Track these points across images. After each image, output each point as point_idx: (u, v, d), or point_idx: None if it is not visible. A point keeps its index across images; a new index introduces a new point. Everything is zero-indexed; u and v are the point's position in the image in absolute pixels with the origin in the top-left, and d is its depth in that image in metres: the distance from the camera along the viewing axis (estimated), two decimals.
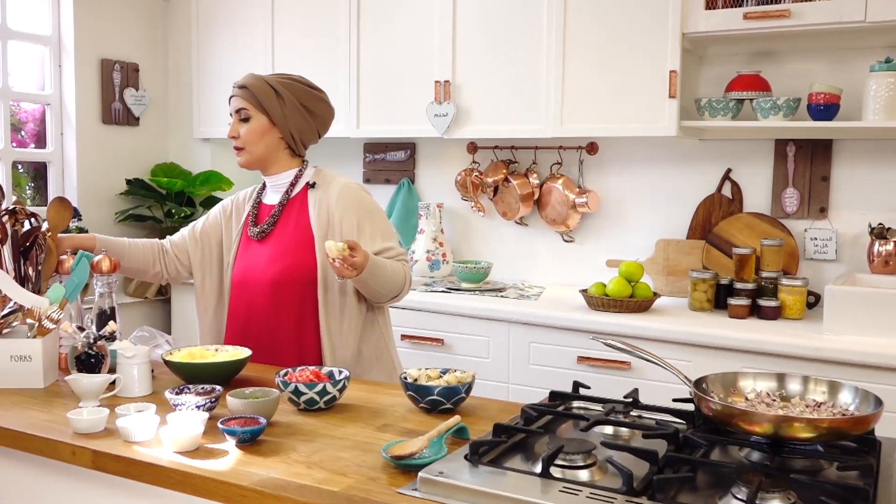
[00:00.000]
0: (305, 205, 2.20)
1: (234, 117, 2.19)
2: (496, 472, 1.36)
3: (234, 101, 2.18)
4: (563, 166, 3.51)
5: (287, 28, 3.75)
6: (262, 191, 2.31)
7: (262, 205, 2.27)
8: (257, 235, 2.21)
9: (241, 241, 2.26)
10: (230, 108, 2.20)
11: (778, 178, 3.11)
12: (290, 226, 2.20)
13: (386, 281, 2.10)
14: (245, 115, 2.16)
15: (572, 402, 1.79)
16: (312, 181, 2.23)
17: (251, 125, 2.16)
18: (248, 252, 2.23)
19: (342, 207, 2.17)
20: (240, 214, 2.30)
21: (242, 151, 2.20)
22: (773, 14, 2.68)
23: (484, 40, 3.28)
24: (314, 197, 2.20)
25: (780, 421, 1.40)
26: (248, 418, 1.58)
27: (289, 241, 2.18)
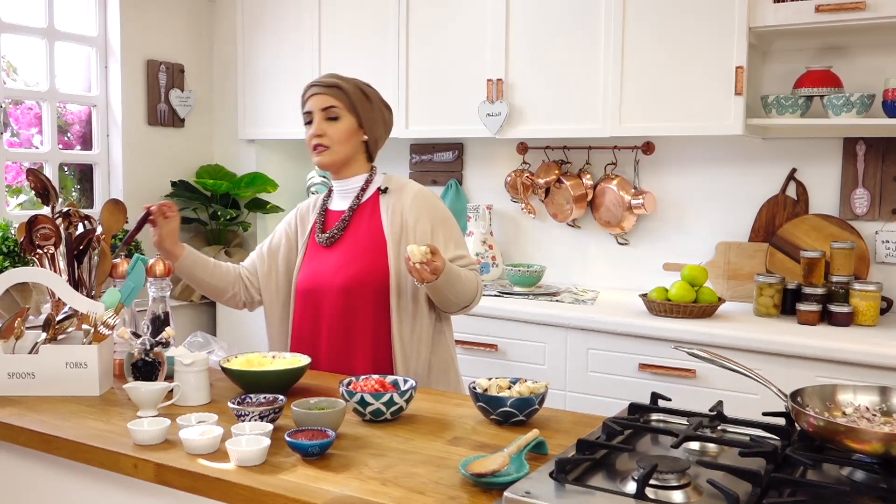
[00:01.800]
0: (377, 210, 2.16)
1: (317, 115, 2.11)
2: (585, 492, 1.27)
3: (320, 98, 2.11)
4: (617, 167, 3.40)
5: (335, 27, 3.69)
6: (328, 197, 2.26)
7: (330, 211, 2.22)
8: (326, 241, 2.16)
9: (308, 249, 2.21)
10: (310, 106, 2.12)
11: (847, 178, 2.98)
12: (362, 231, 2.14)
13: (460, 289, 2.05)
14: (335, 113, 2.10)
15: (650, 414, 1.70)
16: (384, 186, 2.18)
17: (341, 125, 2.11)
18: (316, 259, 2.17)
19: (416, 213, 2.13)
20: (305, 224, 2.25)
21: (326, 151, 2.12)
22: (848, 6, 2.56)
23: (538, 37, 3.19)
24: (387, 202, 2.15)
25: (892, 439, 1.29)
26: (314, 430, 1.51)
27: (360, 246, 2.12)
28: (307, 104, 2.14)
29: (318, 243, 2.18)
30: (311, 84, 2.16)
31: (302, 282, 2.17)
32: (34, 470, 1.68)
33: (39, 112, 3.63)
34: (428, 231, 2.12)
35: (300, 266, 2.20)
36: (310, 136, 2.13)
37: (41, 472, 1.67)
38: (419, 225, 2.12)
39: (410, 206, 2.13)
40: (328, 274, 2.12)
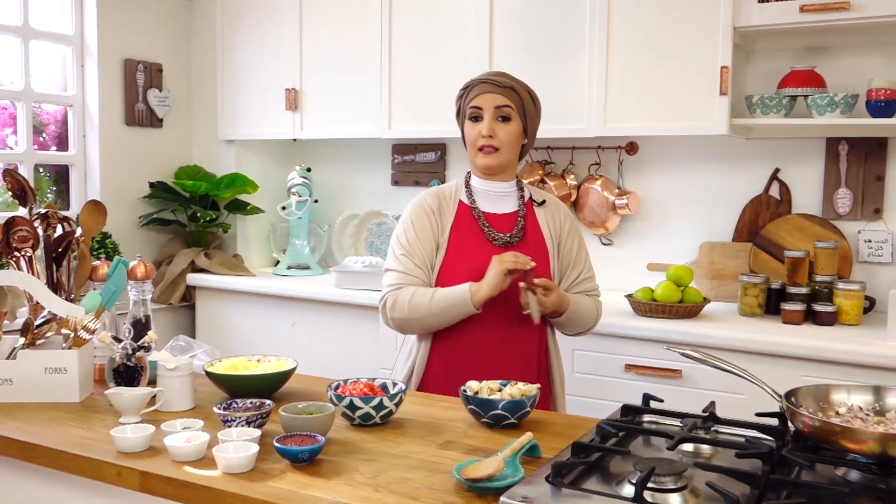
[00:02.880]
0: (535, 221, 2.14)
1: (488, 113, 2.03)
2: (582, 495, 1.25)
3: (494, 97, 2.03)
4: (601, 167, 3.39)
5: (316, 26, 3.65)
6: (470, 196, 2.12)
7: (489, 214, 2.11)
8: (504, 242, 2.07)
9: (466, 247, 2.07)
10: (481, 102, 2.03)
11: (830, 177, 2.99)
12: (530, 239, 2.11)
13: (578, 321, 2.13)
14: (507, 114, 2.04)
15: (643, 415, 1.68)
16: (542, 199, 2.17)
17: (512, 128, 2.05)
18: (484, 255, 2.01)
19: (569, 229, 2.16)
20: (444, 220, 2.10)
21: (496, 153, 2.05)
22: (832, 6, 2.56)
23: (522, 36, 3.17)
24: (544, 214, 2.15)
25: (889, 439, 1.28)
26: (303, 436, 1.47)
27: (532, 252, 2.04)
28: (475, 100, 2.04)
29: (488, 241, 2.06)
30: (481, 80, 2.06)
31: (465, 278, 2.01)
32: (13, 479, 1.63)
33: (14, 112, 3.56)
34: (575, 249, 2.16)
35: (443, 266, 2.06)
36: (476, 135, 2.05)
37: (20, 481, 1.62)
38: (569, 242, 2.15)
39: (564, 221, 2.16)
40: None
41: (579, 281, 2.17)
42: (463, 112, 2.10)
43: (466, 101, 2.07)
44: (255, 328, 3.65)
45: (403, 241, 2.10)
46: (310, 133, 3.74)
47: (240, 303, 3.69)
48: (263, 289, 3.61)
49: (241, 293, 3.68)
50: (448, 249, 2.07)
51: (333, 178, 4.12)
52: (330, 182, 4.12)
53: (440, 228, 2.09)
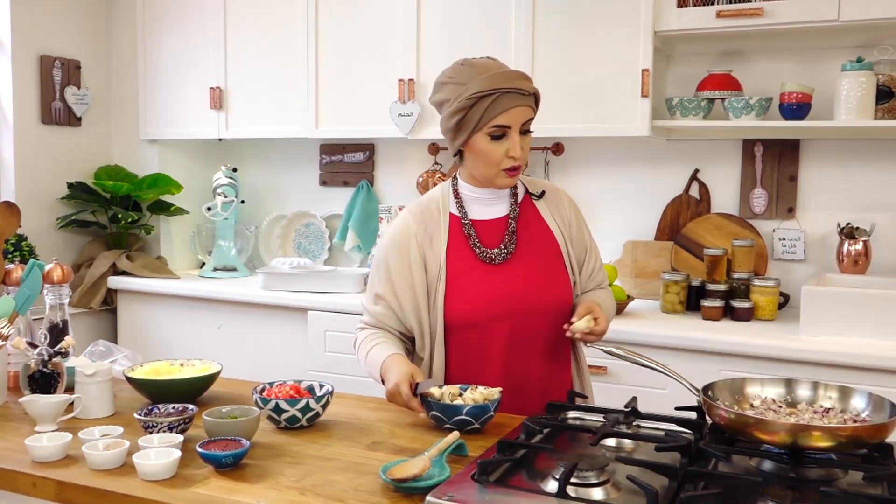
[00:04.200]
0: (539, 217, 1.89)
1: (516, 131, 1.74)
2: (507, 493, 1.27)
3: (522, 111, 1.74)
4: (528, 167, 3.44)
5: (241, 24, 3.60)
6: (460, 207, 1.87)
7: (478, 222, 1.86)
8: (498, 258, 1.82)
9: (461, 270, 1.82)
10: (509, 121, 1.72)
11: (746, 178, 3.10)
12: (534, 241, 1.86)
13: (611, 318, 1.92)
14: (529, 127, 1.78)
15: (568, 412, 1.71)
16: (540, 191, 1.91)
17: (529, 138, 1.80)
18: (483, 279, 1.81)
19: (577, 219, 1.93)
20: (434, 242, 1.85)
21: (518, 170, 1.80)
22: (747, 12, 2.65)
23: (449, 37, 3.18)
24: (547, 207, 1.90)
25: (799, 430, 1.34)
26: (227, 440, 1.45)
27: (538, 260, 1.84)
28: (501, 117, 1.71)
29: (481, 261, 1.82)
30: (506, 90, 1.71)
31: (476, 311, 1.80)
32: None
33: None
34: (586, 240, 1.94)
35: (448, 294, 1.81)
36: (502, 156, 1.75)
37: None
38: (579, 232, 1.92)
39: (569, 210, 1.93)
40: (516, 296, 1.80)
41: (594, 272, 1.95)
42: (475, 124, 1.73)
43: (484, 114, 1.72)
44: (179, 332, 3.58)
45: (374, 279, 1.89)
46: (235, 133, 3.68)
47: (164, 306, 3.61)
48: (188, 291, 3.54)
49: (165, 296, 3.60)
50: (448, 276, 1.82)
51: (260, 178, 4.07)
52: (256, 182, 4.07)
53: (432, 253, 1.83)
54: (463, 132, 1.76)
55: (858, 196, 2.93)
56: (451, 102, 1.76)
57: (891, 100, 2.68)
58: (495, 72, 1.74)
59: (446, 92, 1.79)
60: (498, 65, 1.79)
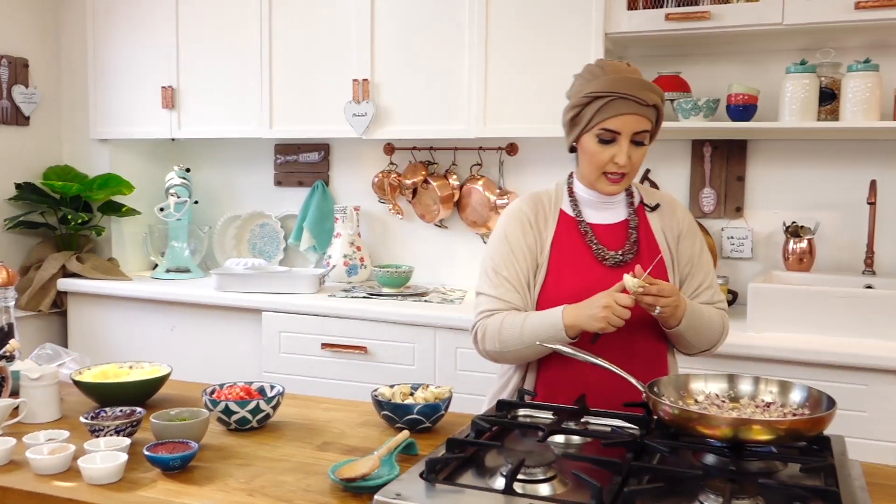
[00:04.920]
0: (648, 228, 1.87)
1: (625, 139, 1.73)
2: (455, 490, 1.28)
3: (635, 120, 1.72)
4: (483, 167, 3.46)
5: (193, 22, 3.56)
6: (575, 206, 1.87)
7: (595, 225, 1.85)
8: (616, 262, 1.81)
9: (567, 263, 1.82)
10: (619, 127, 1.72)
11: (695, 178, 3.15)
12: (644, 253, 1.83)
13: (703, 334, 1.82)
14: (643, 138, 1.75)
15: (518, 410, 1.73)
16: (654, 203, 1.90)
17: (644, 149, 1.78)
18: (592, 279, 1.78)
19: (687, 232, 1.88)
20: (543, 235, 1.85)
21: (625, 178, 1.79)
22: (694, 16, 2.70)
23: (404, 37, 3.19)
24: (659, 220, 1.88)
25: (739, 424, 1.37)
26: (175, 443, 1.45)
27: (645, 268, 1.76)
28: (611, 121, 1.72)
29: (597, 261, 1.81)
30: (621, 95, 1.70)
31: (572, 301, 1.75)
32: None
33: None
34: (696, 254, 1.88)
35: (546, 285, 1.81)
36: (607, 160, 1.76)
37: None
38: (686, 244, 1.87)
39: (682, 223, 1.89)
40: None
41: (700, 291, 1.87)
42: (587, 124, 1.76)
43: (596, 114, 1.73)
44: (131, 334, 3.53)
45: (497, 259, 1.84)
46: (188, 132, 3.64)
47: (115, 308, 3.56)
48: (141, 293, 3.49)
49: (116, 298, 3.54)
50: (549, 269, 1.82)
51: (214, 178, 4.03)
52: (210, 183, 4.03)
53: (539, 244, 1.84)
54: (575, 129, 1.80)
55: (803, 195, 3.01)
56: (571, 97, 1.81)
57: (833, 101, 2.76)
58: (617, 75, 1.74)
59: (574, 86, 1.83)
60: (629, 69, 1.78)
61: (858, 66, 2.64)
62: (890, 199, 2.88)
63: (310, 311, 3.11)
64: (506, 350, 1.78)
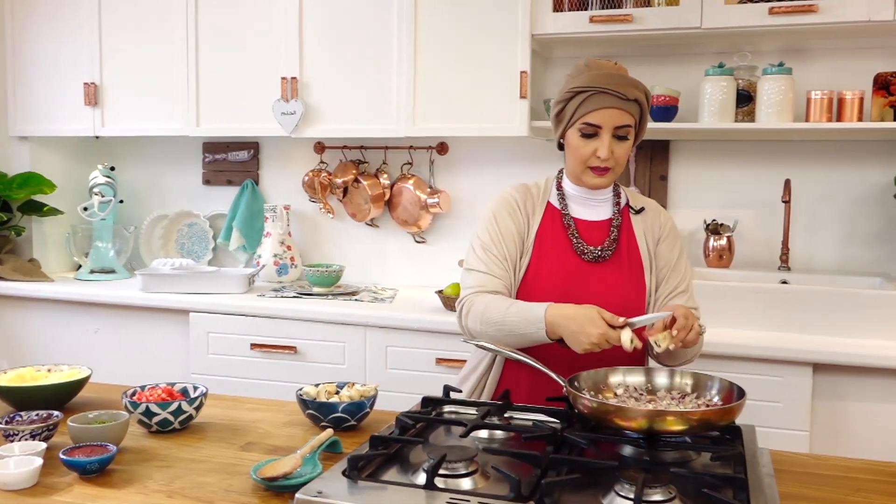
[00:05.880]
0: (630, 230, 1.91)
1: (607, 133, 1.77)
2: (378, 486, 1.29)
3: (618, 115, 1.76)
4: (413, 166, 3.47)
5: (116, 17, 3.48)
6: (563, 200, 1.92)
7: (580, 220, 1.90)
8: (594, 257, 1.86)
9: (548, 255, 1.87)
10: (600, 121, 1.77)
11: (621, 177, 3.21)
12: (623, 253, 1.89)
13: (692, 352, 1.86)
14: (626, 133, 1.79)
15: (443, 406, 1.75)
16: (639, 206, 1.94)
17: (629, 144, 1.81)
18: (572, 273, 1.84)
19: (668, 236, 1.93)
20: (530, 224, 1.91)
21: (609, 173, 1.82)
22: (617, 18, 2.77)
23: (332, 35, 3.18)
24: (642, 223, 1.93)
25: (654, 415, 1.42)
26: (94, 446, 1.42)
27: (626, 268, 1.87)
28: (592, 115, 1.77)
29: (576, 254, 1.86)
30: (602, 90, 1.75)
31: (552, 297, 1.79)
32: None
33: None
34: (674, 259, 1.92)
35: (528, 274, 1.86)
36: (590, 154, 1.80)
37: None
38: (665, 247, 1.92)
39: (664, 228, 1.93)
40: (596, 296, 1.79)
41: (675, 294, 1.90)
42: (570, 119, 1.81)
43: (578, 109, 1.79)
44: (54, 337, 3.44)
45: (486, 238, 1.89)
46: (112, 130, 3.56)
47: (37, 311, 3.46)
48: (63, 295, 3.40)
49: (38, 300, 3.45)
50: (532, 255, 1.87)
51: (140, 177, 3.95)
52: (136, 181, 3.95)
53: (526, 229, 1.89)
54: (560, 124, 1.85)
55: (722, 194, 3.10)
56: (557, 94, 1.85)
57: (750, 103, 2.85)
58: (599, 71, 1.79)
59: (563, 84, 1.86)
60: (613, 67, 1.82)
61: (773, 70, 2.74)
62: (803, 197, 3.00)
63: (238, 311, 3.08)
64: (485, 332, 1.81)
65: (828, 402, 2.46)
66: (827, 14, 2.59)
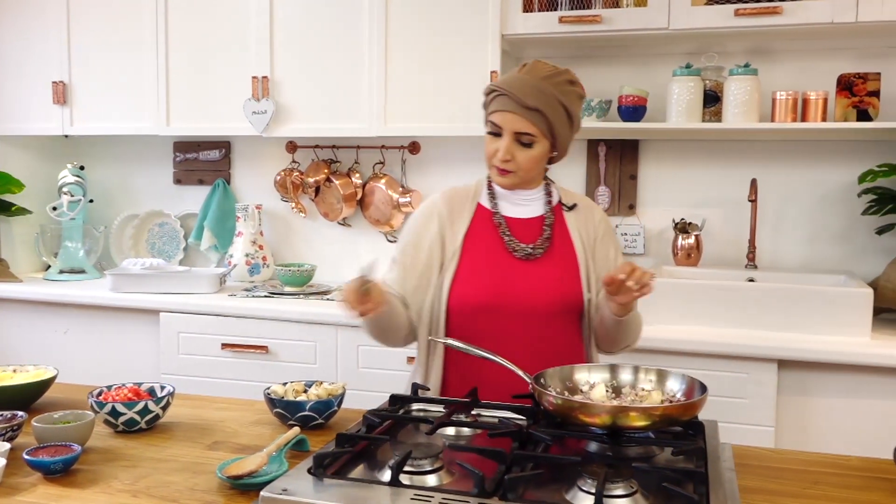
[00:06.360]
0: (564, 227, 1.93)
1: (507, 136, 1.80)
2: (343, 484, 1.30)
3: (515, 120, 1.78)
4: (385, 166, 3.48)
5: (85, 14, 3.45)
6: (493, 199, 1.93)
7: (511, 218, 1.91)
8: (526, 254, 1.87)
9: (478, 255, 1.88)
10: (499, 122, 1.79)
11: (591, 176, 3.25)
12: (556, 249, 1.90)
13: (632, 327, 1.89)
14: (529, 140, 1.80)
15: (412, 404, 1.76)
16: (572, 203, 1.96)
17: (533, 152, 1.81)
18: (502, 270, 1.86)
19: (603, 235, 1.95)
20: (455, 227, 1.91)
21: (511, 175, 1.84)
22: (586, 19, 2.79)
23: (303, 34, 3.18)
24: (576, 220, 1.94)
25: (617, 411, 1.43)
26: (58, 446, 1.42)
27: (557, 267, 1.87)
28: (494, 115, 1.80)
29: (508, 252, 1.87)
30: (503, 92, 1.78)
31: (483, 295, 1.83)
32: None
33: None
34: (612, 257, 1.95)
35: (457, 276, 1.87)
36: (493, 152, 1.83)
37: None
38: (603, 247, 1.95)
39: (599, 227, 1.96)
40: (528, 292, 1.83)
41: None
42: (485, 116, 1.86)
43: (488, 107, 1.84)
44: (23, 338, 3.40)
45: (399, 247, 1.94)
46: (81, 129, 3.53)
47: (5, 311, 3.42)
48: (32, 295, 3.37)
49: (6, 301, 3.41)
50: (461, 259, 1.87)
51: (110, 176, 3.92)
52: (107, 181, 3.92)
53: (451, 234, 1.89)
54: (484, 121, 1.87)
55: (691, 193, 3.14)
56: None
57: (717, 103, 2.89)
58: (513, 74, 1.82)
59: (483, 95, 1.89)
60: (533, 70, 1.82)
61: (739, 70, 2.78)
62: (769, 196, 3.04)
63: (209, 311, 3.07)
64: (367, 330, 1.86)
65: (793, 397, 2.50)
66: (791, 16, 2.64)
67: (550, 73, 1.81)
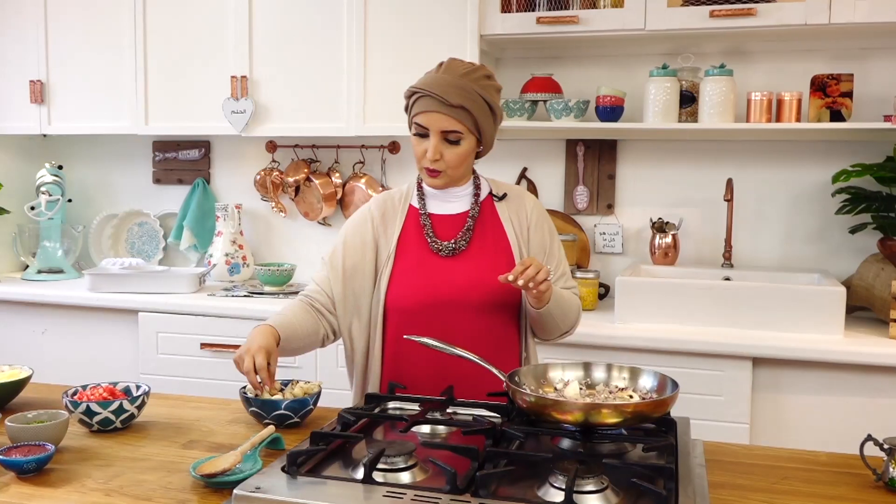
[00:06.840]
0: (496, 217, 1.95)
1: (434, 136, 1.80)
2: (316, 481, 1.31)
3: (440, 119, 1.78)
4: (365, 165, 3.48)
5: (63, 13, 3.44)
6: (421, 199, 1.95)
7: (436, 216, 1.93)
8: (446, 250, 1.89)
9: (409, 258, 1.91)
10: (425, 123, 1.80)
11: (570, 176, 3.27)
12: (488, 240, 1.92)
13: (566, 311, 1.90)
14: (456, 138, 1.81)
15: (388, 402, 1.77)
16: (502, 193, 1.97)
17: (461, 149, 1.82)
18: (431, 270, 1.88)
19: (536, 222, 1.96)
20: (388, 229, 1.94)
21: (441, 175, 1.85)
22: (564, 20, 2.81)
23: (282, 34, 3.18)
24: (507, 209, 1.96)
25: (590, 408, 1.45)
26: (32, 445, 1.42)
27: (488, 259, 1.89)
28: (419, 116, 1.81)
29: (433, 252, 1.89)
30: (427, 92, 1.78)
31: (415, 296, 1.86)
32: None
33: None
34: (547, 243, 1.96)
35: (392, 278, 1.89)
36: (421, 153, 1.84)
37: None
38: (536, 237, 1.95)
39: (532, 215, 1.96)
40: (459, 288, 1.86)
41: (554, 278, 1.94)
42: (409, 118, 1.86)
43: (411, 109, 1.85)
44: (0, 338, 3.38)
45: (330, 250, 1.96)
46: (59, 128, 3.51)
47: None
48: (9, 295, 3.35)
49: None
50: (395, 262, 1.91)
51: (89, 176, 3.90)
52: (85, 180, 3.90)
53: (385, 238, 1.93)
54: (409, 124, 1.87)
55: (668, 193, 3.17)
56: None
57: (693, 104, 2.92)
58: (434, 74, 1.82)
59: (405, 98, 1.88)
60: (452, 69, 1.82)
61: (714, 71, 2.81)
62: (745, 196, 3.08)
63: (188, 310, 3.07)
64: None
65: (767, 394, 2.53)
66: (765, 17, 2.67)
67: (469, 70, 1.83)
